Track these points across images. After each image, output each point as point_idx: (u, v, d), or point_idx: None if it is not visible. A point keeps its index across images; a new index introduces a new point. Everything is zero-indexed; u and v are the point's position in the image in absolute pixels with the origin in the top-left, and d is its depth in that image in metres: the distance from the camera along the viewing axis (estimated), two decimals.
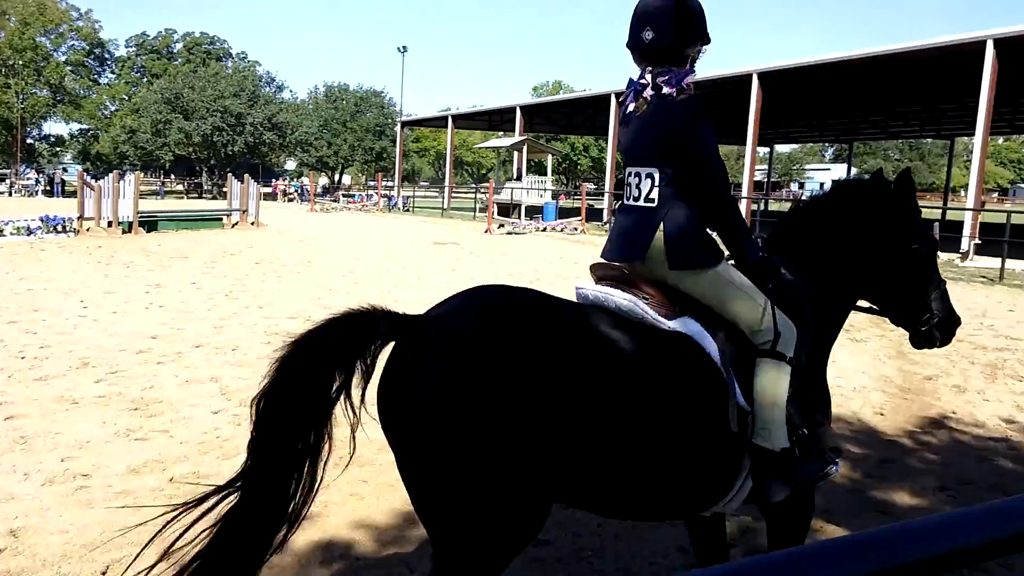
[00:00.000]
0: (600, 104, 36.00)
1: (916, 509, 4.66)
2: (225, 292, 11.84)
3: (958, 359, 8.58)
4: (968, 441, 5.88)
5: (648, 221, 2.70)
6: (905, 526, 1.17)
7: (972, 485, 5.02)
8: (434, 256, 18.26)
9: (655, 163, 2.71)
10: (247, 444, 2.37)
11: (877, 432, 6.08)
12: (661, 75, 2.69)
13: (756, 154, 30.26)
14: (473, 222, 32.78)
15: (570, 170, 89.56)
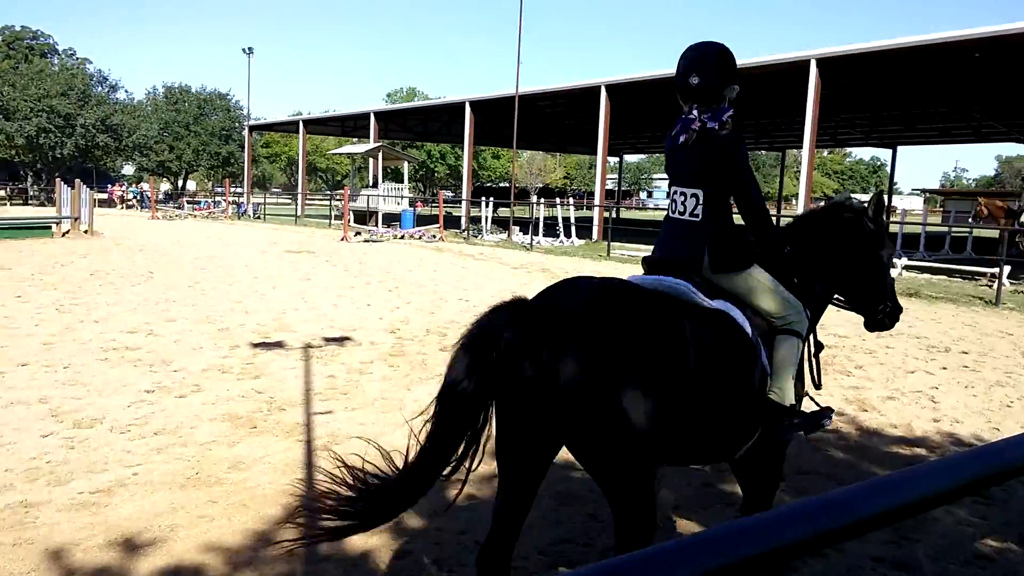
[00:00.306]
0: (455, 112, 36.15)
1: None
2: (56, 306, 11.00)
3: None
4: (802, 433, 6.26)
5: (697, 232, 3.36)
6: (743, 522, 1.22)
7: (809, 475, 5.35)
8: (288, 265, 17.71)
9: (700, 185, 3.35)
10: (435, 400, 2.93)
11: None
12: (705, 113, 3.31)
13: (607, 163, 31.25)
14: (328, 230, 32.09)
15: (427, 177, 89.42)
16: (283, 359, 8.25)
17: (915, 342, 10.42)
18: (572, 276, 3.16)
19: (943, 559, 4.16)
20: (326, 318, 10.85)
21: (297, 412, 6.40)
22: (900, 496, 1.49)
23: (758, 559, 1.20)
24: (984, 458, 1.67)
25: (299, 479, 4.98)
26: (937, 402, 7.36)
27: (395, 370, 7.94)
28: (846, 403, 7.22)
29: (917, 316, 12.75)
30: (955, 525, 4.59)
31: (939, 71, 24.69)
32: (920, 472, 1.58)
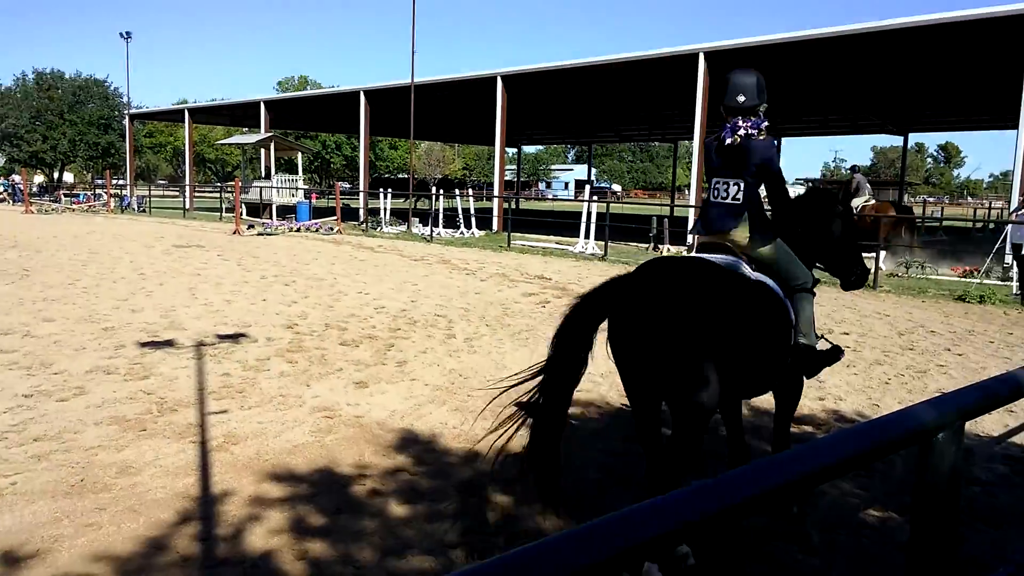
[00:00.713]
0: (350, 101, 35.50)
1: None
2: None
3: None
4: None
5: (736, 211, 4.27)
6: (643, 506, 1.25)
7: (705, 455, 5.52)
8: (177, 260, 17.03)
9: (740, 177, 4.27)
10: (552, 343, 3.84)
11: (623, 413, 6.52)
12: (748, 123, 4.24)
13: (505, 154, 31.39)
14: (220, 223, 31.03)
15: (323, 168, 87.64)
16: (174, 358, 7.93)
17: None
18: (661, 257, 4.03)
19: (831, 530, 4.38)
20: (219, 314, 10.50)
21: (190, 413, 6.17)
22: (789, 473, 1.55)
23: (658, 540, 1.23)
24: (865, 434, 1.76)
25: (193, 482, 4.81)
26: (822, 381, 7.71)
27: (293, 366, 7.76)
28: None
29: None
30: (841, 497, 4.84)
31: (817, 65, 25.85)
32: (806, 450, 1.65)
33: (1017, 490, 5.04)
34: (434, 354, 8.49)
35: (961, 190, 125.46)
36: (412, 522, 4.35)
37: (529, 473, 3.86)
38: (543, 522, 4.40)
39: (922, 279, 16.43)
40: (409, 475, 5.04)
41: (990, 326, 11.32)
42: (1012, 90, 18.00)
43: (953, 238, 30.25)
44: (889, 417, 1.88)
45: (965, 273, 16.98)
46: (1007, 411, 6.36)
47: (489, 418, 6.21)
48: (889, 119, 40.17)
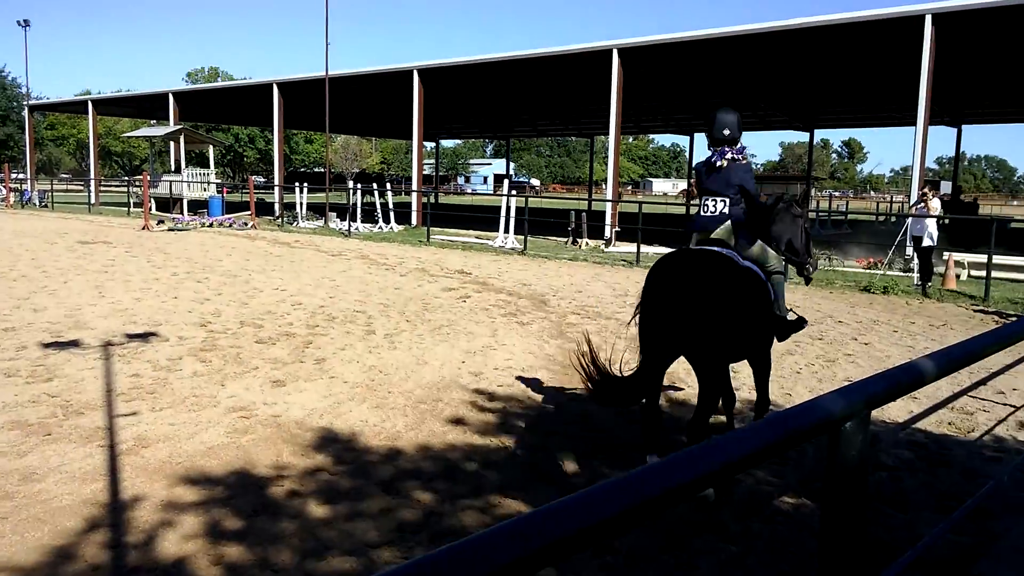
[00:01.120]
0: (263, 94, 34.64)
1: (579, 474, 5.11)
2: None
3: (608, 335, 9.57)
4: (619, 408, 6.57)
5: (720, 221, 5.41)
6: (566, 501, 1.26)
7: (623, 447, 5.62)
8: (82, 257, 16.31)
9: (724, 194, 5.42)
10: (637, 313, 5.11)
11: (544, 407, 6.57)
12: (732, 150, 5.44)
13: (423, 148, 31.18)
14: (128, 218, 29.89)
15: (236, 162, 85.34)
16: (80, 359, 7.61)
17: None
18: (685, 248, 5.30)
19: (747, 518, 4.51)
20: (128, 313, 10.12)
21: (97, 416, 5.93)
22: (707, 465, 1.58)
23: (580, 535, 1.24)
24: (777, 425, 1.81)
25: (102, 488, 4.62)
26: (736, 372, 7.93)
27: (207, 365, 7.54)
28: None
29: None
30: (756, 485, 4.99)
31: (726, 63, 26.52)
32: (722, 442, 1.69)
33: (921, 474, 5.28)
34: (353, 351, 8.37)
35: (864, 184, 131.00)
36: (332, 523, 4.28)
37: (636, 400, 5.02)
38: (465, 519, 4.39)
39: (829, 271, 17.06)
40: (329, 475, 4.96)
41: (894, 315, 11.84)
42: (911, 88, 18.85)
43: (858, 231, 31.53)
44: (799, 407, 1.93)
45: (869, 265, 17.71)
46: (911, 398, 6.66)
47: (410, 415, 6.18)
48: (796, 116, 41.55)
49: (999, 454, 5.73)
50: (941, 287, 14.55)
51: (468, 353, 8.42)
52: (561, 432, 5.92)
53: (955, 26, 18.77)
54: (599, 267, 17.55)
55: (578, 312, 11.22)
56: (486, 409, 6.45)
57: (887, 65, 25.56)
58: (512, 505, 4.60)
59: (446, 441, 5.66)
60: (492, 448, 5.55)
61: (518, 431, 5.93)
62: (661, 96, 35.83)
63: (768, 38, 21.31)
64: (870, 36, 21.09)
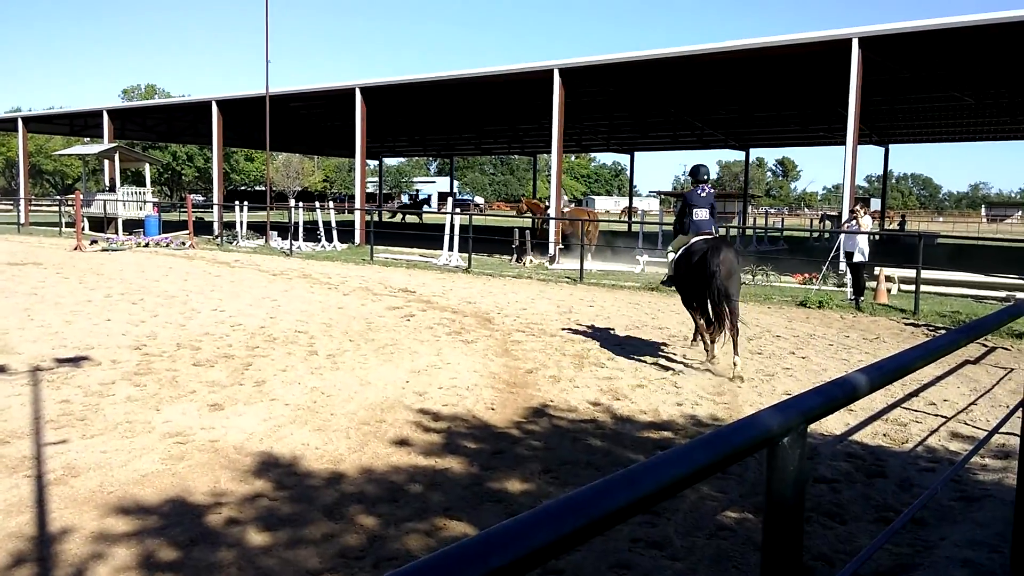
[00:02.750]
0: (202, 112, 34.07)
1: (526, 493, 5.09)
2: None
3: (552, 352, 9.60)
4: (565, 425, 6.59)
5: (708, 223, 9.20)
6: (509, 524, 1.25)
7: (570, 464, 5.62)
8: (10, 279, 15.73)
9: (706, 207, 9.21)
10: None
11: (490, 426, 6.53)
12: (707, 186, 9.31)
13: (366, 166, 30.98)
14: (59, 239, 28.97)
15: (174, 180, 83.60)
16: (6, 385, 7.32)
17: (657, 332, 11.31)
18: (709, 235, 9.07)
19: (691, 534, 4.53)
20: (58, 336, 9.78)
21: (24, 444, 5.70)
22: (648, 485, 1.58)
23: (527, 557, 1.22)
24: (717, 442, 1.82)
25: (28, 520, 4.43)
26: (679, 387, 8.03)
27: (142, 390, 7.32)
28: (601, 393, 7.68)
29: (659, 308, 13.87)
30: (700, 500, 5.02)
31: (665, 84, 27.07)
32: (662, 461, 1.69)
33: (859, 486, 5.38)
34: (295, 372, 8.23)
35: (799, 201, 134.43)
36: (272, 550, 4.18)
37: None
38: (410, 542, 4.33)
39: (767, 286, 17.41)
40: (269, 500, 4.84)
41: (829, 329, 12.12)
42: (840, 109, 19.44)
43: (792, 247, 32.30)
44: (739, 423, 1.95)
45: (805, 280, 18.13)
46: (848, 411, 6.81)
47: (353, 437, 6.09)
48: (732, 135, 42.49)
49: (933, 464, 5.88)
50: (873, 301, 14.96)
51: (412, 373, 8.35)
52: (507, 452, 5.90)
53: (881, 49, 19.47)
54: (543, 284, 17.62)
55: (523, 329, 11.23)
56: (431, 429, 6.39)
57: (818, 86, 26.36)
58: (458, 527, 4.54)
59: (390, 463, 5.58)
60: (437, 469, 5.50)
61: (463, 451, 5.89)
62: (603, 115, 36.31)
63: (703, 60, 21.79)
64: (801, 59, 21.73)
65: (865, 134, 33.19)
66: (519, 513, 1.27)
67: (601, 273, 19.81)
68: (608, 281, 18.19)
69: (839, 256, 16.18)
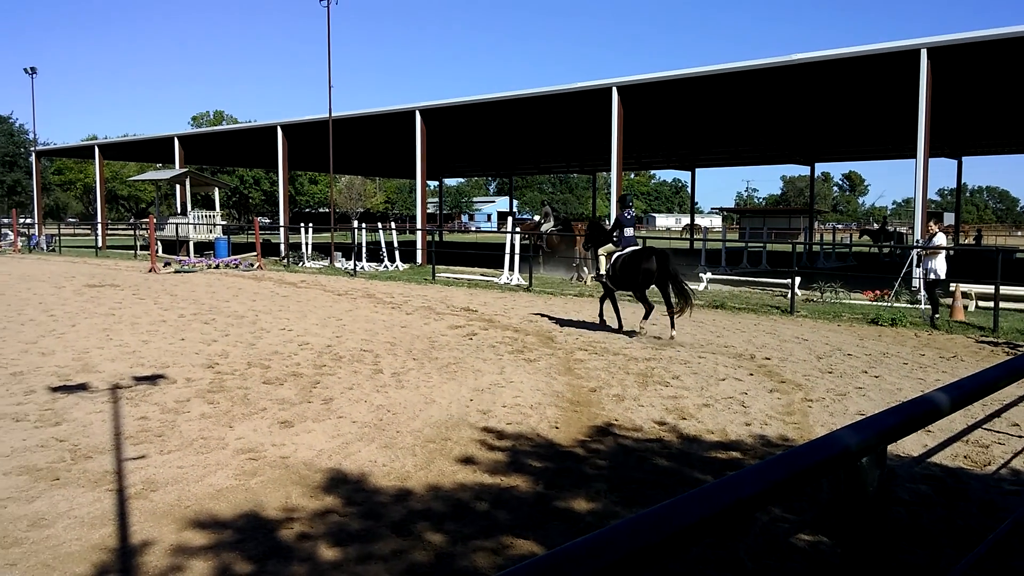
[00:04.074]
0: (267, 136, 35.00)
1: (593, 513, 5.06)
2: None
3: (615, 371, 9.55)
4: (630, 445, 6.54)
5: (634, 240, 12.97)
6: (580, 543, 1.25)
7: (636, 484, 5.57)
8: (89, 300, 16.38)
9: (633, 227, 12.89)
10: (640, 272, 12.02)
11: (554, 444, 6.53)
12: (633, 208, 13.08)
13: (426, 187, 31.39)
14: (135, 261, 30.04)
15: (242, 204, 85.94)
16: (88, 403, 7.60)
17: (724, 351, 11.16)
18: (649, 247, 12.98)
19: (763, 557, 4.44)
20: (135, 356, 10.13)
21: (106, 459, 5.91)
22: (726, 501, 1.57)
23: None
24: (792, 461, 1.80)
25: (111, 532, 4.59)
26: (747, 407, 7.90)
27: (215, 407, 7.52)
28: (666, 412, 7.60)
29: (724, 326, 13.68)
30: (772, 523, 4.92)
31: (726, 99, 26.78)
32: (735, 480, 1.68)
33: (939, 509, 5.21)
34: (361, 390, 8.36)
35: (867, 216, 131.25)
36: (343, 565, 4.24)
37: None
38: (478, 560, 4.34)
39: (836, 303, 17.03)
40: (339, 516, 4.92)
41: (903, 348, 11.78)
42: (910, 121, 18.98)
43: (862, 263, 31.55)
44: (815, 443, 1.92)
45: (876, 297, 17.68)
46: (925, 431, 6.61)
47: (419, 454, 6.15)
48: (796, 149, 41.81)
49: (1018, 487, 5.66)
50: (949, 318, 14.50)
51: (476, 391, 8.39)
52: (572, 470, 5.88)
53: (951, 59, 18.97)
54: None
55: (585, 348, 11.20)
56: (495, 448, 6.41)
57: (886, 99, 25.78)
58: (524, 546, 4.55)
59: (456, 480, 5.62)
60: (502, 487, 5.51)
61: (528, 470, 5.89)
62: (662, 132, 36.14)
63: (767, 74, 21.53)
64: (868, 71, 21.30)
65: (937, 146, 32.28)
66: (586, 532, 1.28)
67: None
68: None
69: (912, 272, 15.74)
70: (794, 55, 20.00)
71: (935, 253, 14.47)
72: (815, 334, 12.99)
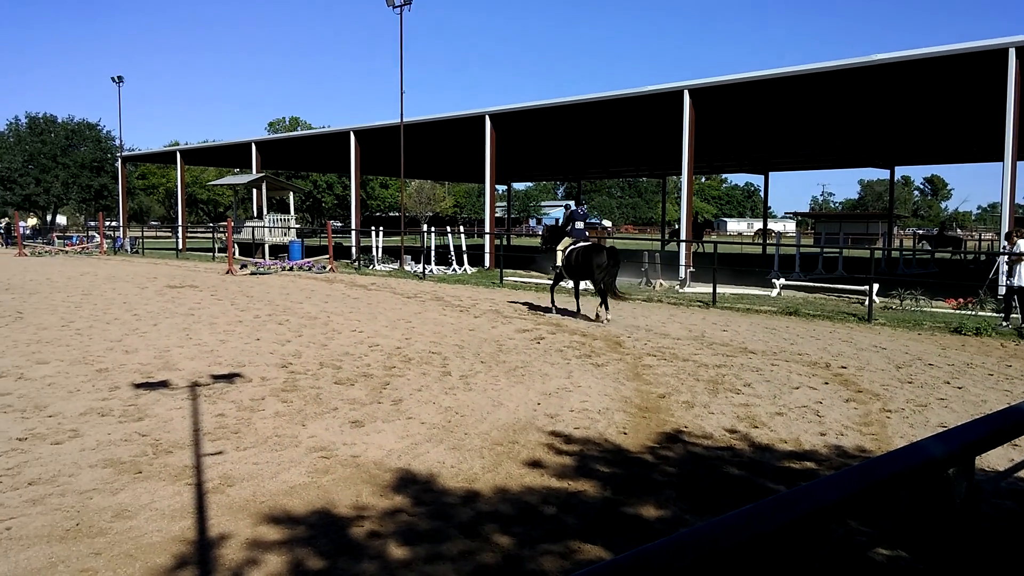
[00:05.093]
0: (340, 141, 35.69)
1: (662, 520, 5.00)
2: None
3: (685, 377, 9.42)
4: (700, 452, 6.44)
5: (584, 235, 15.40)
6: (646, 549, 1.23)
7: (706, 492, 5.48)
8: (170, 301, 16.97)
9: (585, 224, 15.53)
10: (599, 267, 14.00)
11: (622, 450, 6.47)
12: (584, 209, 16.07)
13: (495, 191, 31.56)
14: (213, 263, 31.00)
15: (315, 208, 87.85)
16: (168, 399, 7.87)
17: (798, 359, 10.90)
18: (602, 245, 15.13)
19: (839, 571, 4.31)
20: (213, 354, 10.44)
21: (185, 454, 6.11)
22: (804, 509, 1.53)
23: None
24: (875, 469, 1.74)
25: (190, 525, 4.74)
26: (822, 416, 7.69)
27: (288, 406, 7.70)
28: (738, 420, 7.46)
29: (797, 333, 13.37)
30: (847, 535, 4.78)
31: (801, 101, 26.17)
32: (816, 487, 1.63)
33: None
34: (430, 392, 8.44)
35: (950, 222, 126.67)
36: (412, 564, 4.28)
37: None
38: (546, 563, 4.34)
39: (916, 311, 16.47)
40: (408, 516, 4.97)
41: (988, 358, 11.32)
42: (996, 123, 18.24)
43: (944, 270, 30.43)
44: (899, 452, 1.86)
45: (959, 305, 17.04)
46: (1011, 445, 6.34)
47: (486, 456, 6.17)
48: (875, 153, 40.60)
49: None
50: None
51: (543, 395, 8.39)
52: (640, 477, 5.82)
53: None
54: (674, 308, 17.34)
55: (654, 353, 11.09)
56: (563, 452, 6.40)
57: (971, 100, 24.83)
58: (592, 551, 4.52)
59: (523, 484, 5.62)
60: (570, 492, 5.49)
61: (596, 475, 5.85)
62: (735, 135, 35.53)
63: (846, 75, 20.97)
64: (952, 71, 20.55)
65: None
66: (655, 539, 1.26)
67: (734, 297, 19.30)
68: (742, 305, 17.70)
69: (997, 280, 15.12)
70: (875, 55, 19.42)
71: (1018, 260, 13.89)
72: (894, 343, 12.58)
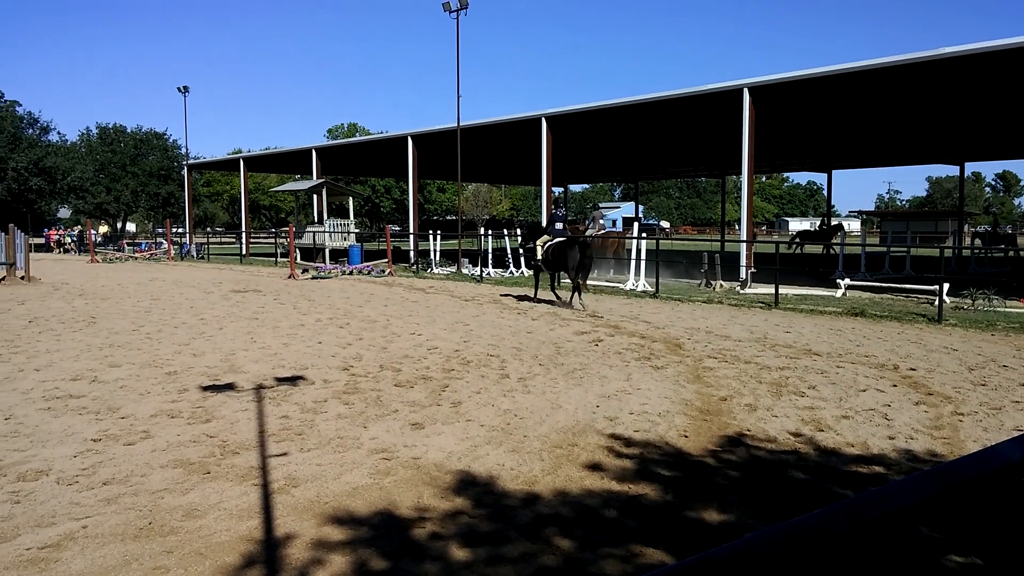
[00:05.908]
0: (398, 146, 36.09)
1: (725, 524, 4.93)
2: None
3: (747, 379, 9.27)
4: (763, 456, 6.33)
5: (565, 232, 17.92)
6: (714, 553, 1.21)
7: (771, 497, 5.38)
8: (234, 305, 17.39)
9: (563, 224, 18.18)
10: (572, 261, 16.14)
11: (683, 454, 6.40)
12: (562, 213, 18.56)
13: (552, 194, 31.54)
14: (275, 268, 31.65)
15: (373, 212, 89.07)
16: (234, 401, 8.06)
17: (864, 360, 10.64)
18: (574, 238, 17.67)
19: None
20: (277, 357, 10.66)
21: (251, 455, 6.24)
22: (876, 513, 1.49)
23: None
24: (949, 474, 1.69)
25: (257, 525, 4.84)
26: (890, 419, 7.49)
27: (350, 408, 7.81)
28: (802, 423, 7.31)
29: (864, 335, 13.05)
30: (919, 542, 4.65)
31: (865, 97, 25.55)
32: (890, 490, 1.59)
33: None
34: (488, 394, 8.47)
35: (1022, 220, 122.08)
36: (474, 566, 4.30)
37: None
38: (607, 567, 4.31)
39: (989, 311, 15.93)
40: (469, 517, 5.00)
41: None
42: None
43: (1018, 268, 29.35)
44: (973, 456, 1.80)
45: None
46: None
47: (546, 459, 6.17)
48: (944, 149, 39.41)
49: None
50: None
51: (602, 397, 8.35)
52: (702, 480, 5.75)
53: None
54: (735, 309, 17.09)
55: (715, 356, 10.94)
56: (623, 455, 6.36)
57: None
58: (654, 555, 4.48)
59: (583, 487, 5.60)
60: (631, 495, 5.45)
61: (657, 478, 5.80)
62: (797, 133, 34.88)
63: (912, 70, 20.41)
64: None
65: None
66: (719, 544, 1.24)
67: (797, 298, 18.93)
68: (805, 306, 17.35)
69: None
70: (943, 48, 18.84)
71: None
72: (966, 344, 12.19)
